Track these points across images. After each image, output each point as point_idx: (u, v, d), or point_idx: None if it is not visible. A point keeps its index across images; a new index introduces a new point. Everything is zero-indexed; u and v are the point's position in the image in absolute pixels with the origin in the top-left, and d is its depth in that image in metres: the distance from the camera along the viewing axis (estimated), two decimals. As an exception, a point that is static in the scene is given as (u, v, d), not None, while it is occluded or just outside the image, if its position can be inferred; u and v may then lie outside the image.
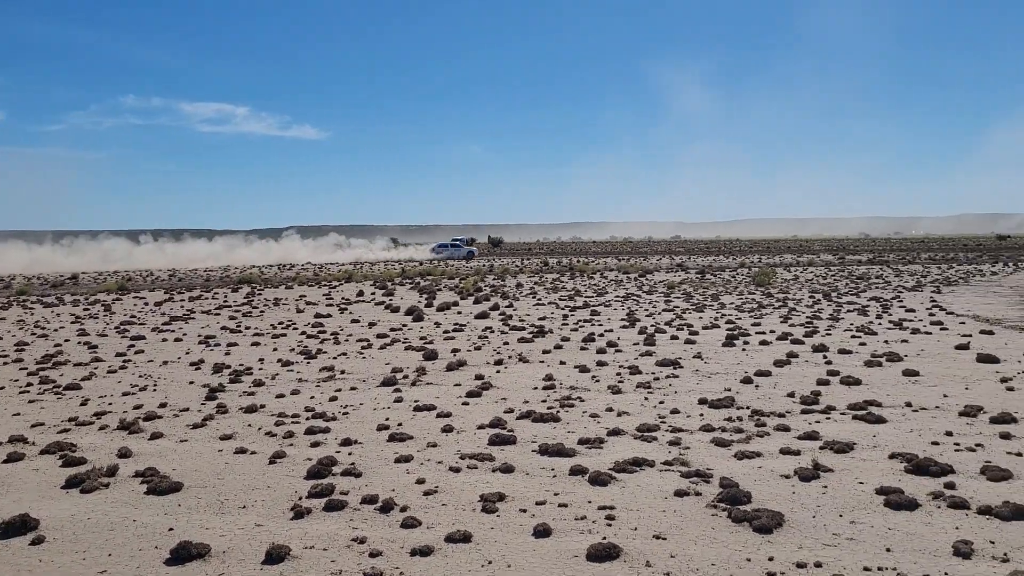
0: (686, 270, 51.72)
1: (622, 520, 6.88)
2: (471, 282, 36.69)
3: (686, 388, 12.42)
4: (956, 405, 10.82)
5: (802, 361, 14.80)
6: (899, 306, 25.29)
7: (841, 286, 34.72)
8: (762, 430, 9.70)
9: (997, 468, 7.86)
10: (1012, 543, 6.19)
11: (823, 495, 7.40)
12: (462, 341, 18.46)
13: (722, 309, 25.03)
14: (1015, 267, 48.84)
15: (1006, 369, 13.51)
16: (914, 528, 6.56)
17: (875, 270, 48.03)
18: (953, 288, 33.02)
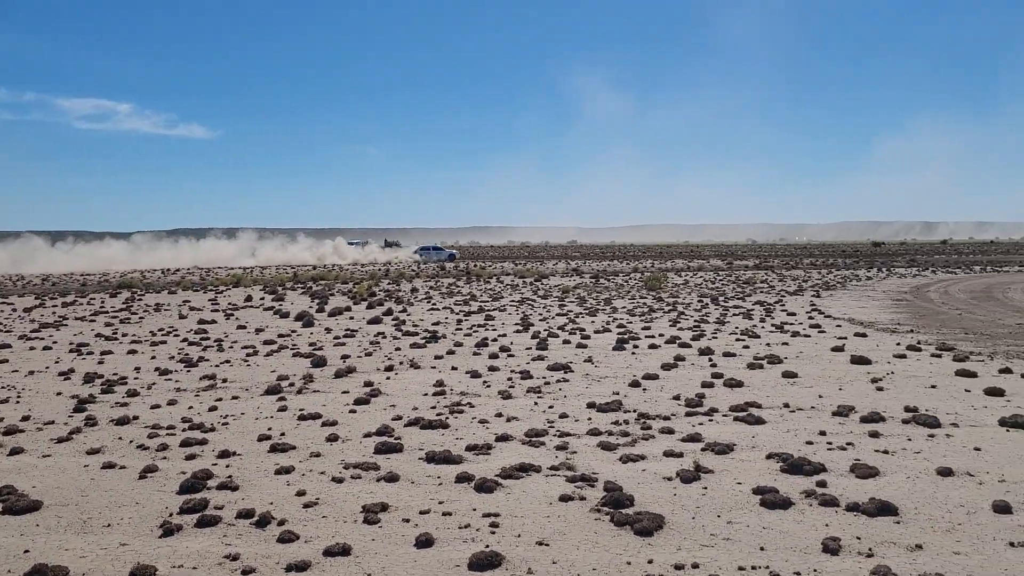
0: (581, 275, 52.45)
1: (506, 527, 6.82)
2: (365, 287, 36.12)
3: (575, 392, 12.51)
4: (830, 405, 11.26)
5: (689, 364, 15.16)
6: (781, 310, 26.28)
7: (728, 290, 35.87)
8: (647, 433, 9.84)
9: (865, 466, 8.19)
10: (877, 538, 6.44)
11: (703, 496, 7.54)
12: (353, 347, 18.11)
13: (614, 313, 25.44)
14: (888, 272, 51.60)
15: (876, 370, 14.18)
16: (787, 526, 6.75)
17: (760, 275, 49.89)
18: (831, 292, 34.58)
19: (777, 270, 56.89)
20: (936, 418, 10.19)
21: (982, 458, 8.62)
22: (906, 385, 12.76)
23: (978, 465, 8.36)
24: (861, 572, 5.81)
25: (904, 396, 11.85)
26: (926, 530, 6.61)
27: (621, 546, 6.40)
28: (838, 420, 10.46)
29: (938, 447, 9.09)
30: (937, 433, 9.68)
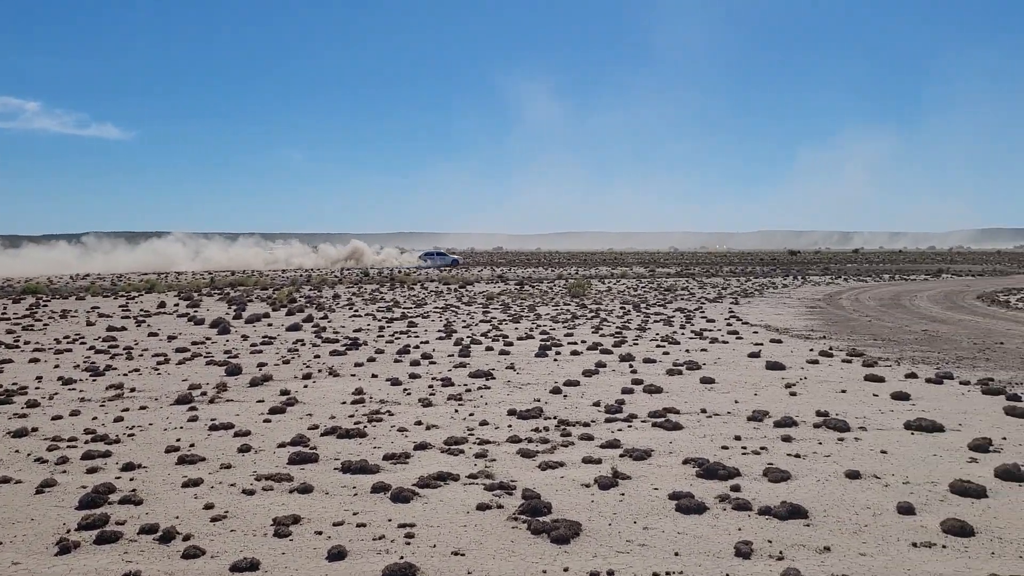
0: (506, 281, 52.52)
1: (422, 537, 6.70)
2: (285, 293, 35.40)
3: (497, 399, 12.44)
4: (746, 410, 11.47)
5: (610, 370, 15.27)
6: (701, 317, 26.78)
7: (650, 297, 36.39)
8: (567, 440, 9.84)
9: (778, 470, 8.35)
10: (787, 541, 6.55)
11: (620, 502, 7.56)
12: (270, 355, 17.67)
13: (538, 320, 25.52)
14: (803, 280, 53.20)
15: (790, 375, 14.53)
16: (701, 531, 6.81)
17: (682, 282, 50.80)
18: (749, 300, 35.42)
19: (698, 278, 58.03)
20: (846, 422, 10.47)
21: (888, 460, 8.88)
22: (818, 390, 13.10)
23: (884, 467, 8.60)
24: (771, 575, 5.89)
25: (816, 401, 12.15)
26: (834, 532, 6.75)
27: (537, 554, 6.35)
28: (753, 425, 10.65)
29: (847, 450, 9.33)
30: (846, 437, 9.95)
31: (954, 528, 6.67)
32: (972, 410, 11.42)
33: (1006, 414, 11.06)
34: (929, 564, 6.08)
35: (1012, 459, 8.74)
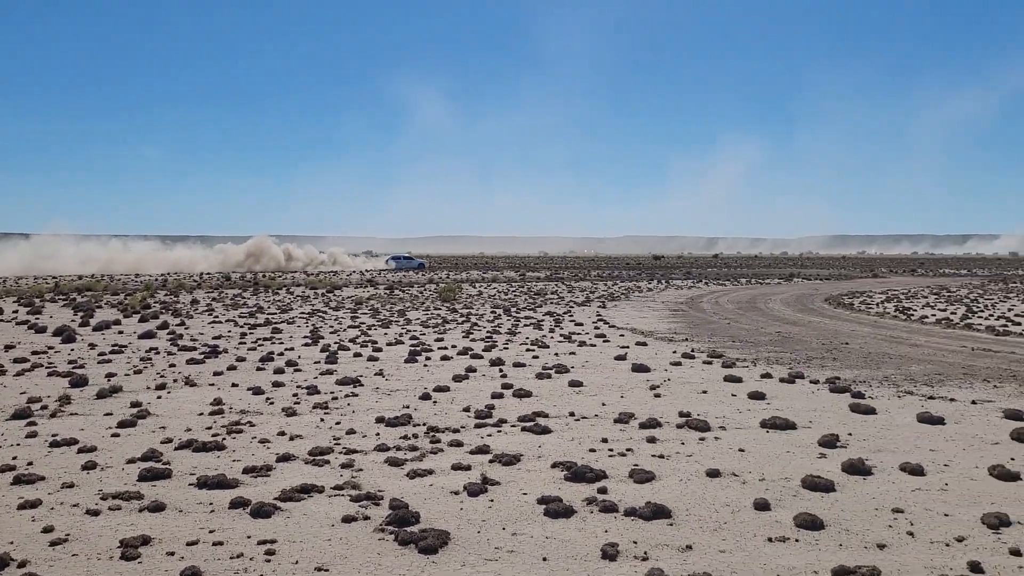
0: (375, 285, 51.81)
1: (283, 554, 6.42)
2: (138, 298, 33.56)
3: (365, 407, 12.17)
4: (612, 412, 11.67)
5: (480, 375, 15.23)
6: (570, 320, 27.22)
7: (521, 301, 36.73)
8: (436, 447, 9.71)
9: (643, 471, 8.52)
10: (652, 541, 6.67)
11: (489, 509, 7.50)
12: (120, 364, 16.64)
13: (408, 325, 25.24)
14: (667, 284, 55.09)
15: (655, 377, 14.93)
16: (569, 535, 6.84)
17: (551, 287, 51.59)
18: (616, 303, 36.32)
19: (567, 282, 59.09)
20: (707, 422, 10.83)
21: (746, 458, 9.23)
22: (681, 391, 13.51)
23: (742, 465, 8.93)
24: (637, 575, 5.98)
25: (679, 402, 12.52)
26: (696, 530, 6.93)
27: (404, 566, 6.20)
28: (619, 427, 10.84)
29: (708, 449, 9.63)
30: (707, 436, 10.28)
31: (806, 522, 6.97)
32: (821, 408, 12.05)
33: (851, 411, 11.74)
34: (783, 558, 6.32)
35: (857, 454, 9.25)
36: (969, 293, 44.21)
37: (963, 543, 6.59)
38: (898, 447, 9.69)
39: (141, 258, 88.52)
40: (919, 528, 6.95)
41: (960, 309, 32.25)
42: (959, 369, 15.87)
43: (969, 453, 9.40)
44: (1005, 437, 10.09)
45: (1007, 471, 8.41)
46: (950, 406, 12.13)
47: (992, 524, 6.95)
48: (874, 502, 7.64)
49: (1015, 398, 12.78)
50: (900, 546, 6.55)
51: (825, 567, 6.09)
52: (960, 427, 10.73)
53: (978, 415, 11.50)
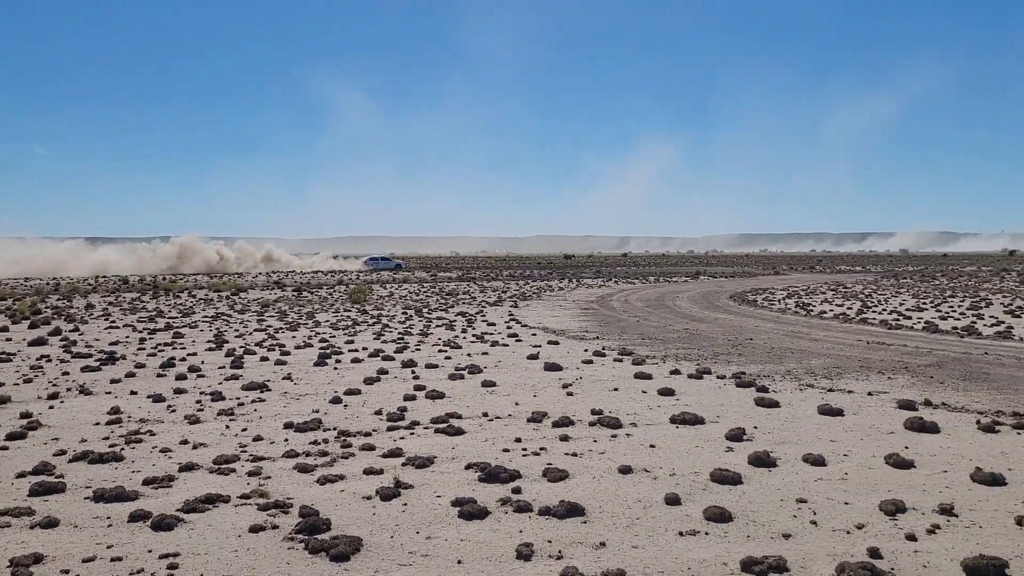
0: (283, 288, 50.69)
1: (187, 567, 6.16)
2: (27, 303, 31.89)
3: (272, 412, 11.84)
4: (526, 412, 11.68)
5: (392, 377, 15.04)
6: (482, 320, 27.21)
7: (432, 302, 36.53)
8: (347, 451, 9.53)
9: (556, 469, 8.54)
10: (566, 540, 6.68)
11: (403, 513, 7.38)
12: (8, 373, 15.74)
13: (317, 327, 24.76)
14: (578, 283, 55.72)
15: (567, 376, 15.04)
16: (484, 536, 6.79)
17: (463, 287, 51.50)
18: (528, 302, 36.51)
19: (479, 282, 59.09)
20: (618, 419, 10.95)
21: (656, 454, 9.37)
22: (593, 389, 13.65)
23: (653, 461, 9.06)
24: (551, 575, 5.97)
25: (591, 400, 12.64)
26: (609, 527, 6.98)
27: (315, 574, 6.03)
28: (533, 426, 10.86)
29: (620, 446, 9.74)
30: (619, 433, 10.40)
31: (715, 515, 7.11)
32: (728, 402, 12.36)
33: (756, 404, 12.07)
34: (694, 551, 6.42)
35: (762, 447, 9.51)
36: (864, 289, 46.22)
37: (863, 530, 6.84)
38: (801, 439, 10.01)
39: (61, 261, 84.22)
40: (822, 517, 7.17)
41: (856, 304, 33.67)
42: (856, 362, 16.54)
43: (867, 443, 9.78)
44: (899, 427, 10.54)
45: (902, 459, 8.78)
46: (848, 398, 12.61)
47: (889, 511, 7.24)
48: (779, 493, 7.86)
49: (907, 389, 13.38)
50: (804, 535, 6.75)
51: (734, 559, 6.22)
52: (858, 418, 11.17)
53: (874, 406, 11.99)
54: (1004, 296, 37.94)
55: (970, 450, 9.38)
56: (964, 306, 32.10)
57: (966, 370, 15.31)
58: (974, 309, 30.52)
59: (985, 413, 11.36)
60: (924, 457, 9.06)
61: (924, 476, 8.38)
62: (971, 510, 7.31)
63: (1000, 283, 50.70)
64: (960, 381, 14.10)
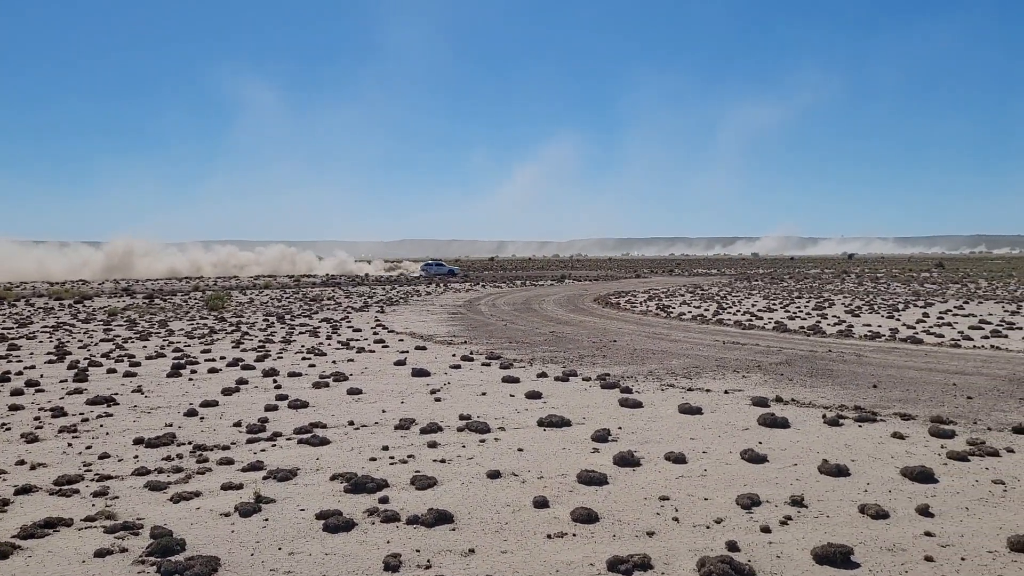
0: (132, 295, 48.03)
1: (22, 601, 5.66)
2: None
3: (121, 428, 11.13)
4: (393, 419, 11.49)
5: (252, 387, 14.48)
6: (348, 326, 26.67)
7: (296, 308, 35.53)
8: (204, 466, 9.06)
9: (425, 477, 8.42)
10: (434, 548, 6.58)
11: (264, 529, 7.07)
12: None
13: (170, 336, 23.57)
14: (446, 287, 55.64)
15: (435, 381, 14.92)
16: (350, 549, 6.59)
17: (328, 292, 50.37)
18: (395, 308, 36.10)
19: (344, 287, 57.99)
20: (486, 424, 10.94)
21: (524, 458, 9.40)
22: (461, 394, 13.59)
23: (521, 465, 9.09)
24: (421, 586, 5.86)
25: (459, 405, 12.57)
26: (478, 533, 6.93)
27: (168, 601, 5.68)
28: (400, 433, 10.69)
29: (488, 451, 9.72)
30: (487, 438, 10.38)
31: (582, 516, 7.19)
32: (594, 404, 12.58)
33: (621, 405, 12.35)
34: (562, 553, 6.46)
35: (627, 447, 9.72)
36: (719, 291, 48.38)
37: (721, 524, 7.08)
38: (663, 438, 10.30)
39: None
40: (683, 513, 7.38)
41: (712, 306, 35.17)
42: (713, 361, 17.24)
43: (724, 439, 10.18)
44: (753, 423, 11.03)
45: (756, 454, 9.18)
46: (706, 396, 13.11)
47: (745, 504, 7.53)
48: (643, 492, 8.04)
49: (760, 386, 14.05)
50: (667, 531, 6.92)
51: (600, 558, 6.29)
52: (715, 416, 11.61)
53: (730, 403, 12.51)
54: (845, 297, 40.61)
55: (817, 443, 9.92)
56: (810, 307, 34.13)
57: (812, 367, 16.24)
58: (819, 309, 32.50)
59: (830, 408, 12.06)
60: (776, 451, 9.51)
61: (777, 469, 8.78)
62: (819, 500, 7.71)
63: (841, 284, 54.25)
64: (807, 378, 14.93)
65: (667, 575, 6.03)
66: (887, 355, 18.08)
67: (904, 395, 13.05)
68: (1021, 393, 13.10)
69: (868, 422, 11.07)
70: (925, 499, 7.67)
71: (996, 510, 7.40)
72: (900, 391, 13.40)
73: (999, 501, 7.65)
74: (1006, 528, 6.90)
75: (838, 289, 48.64)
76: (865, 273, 75.53)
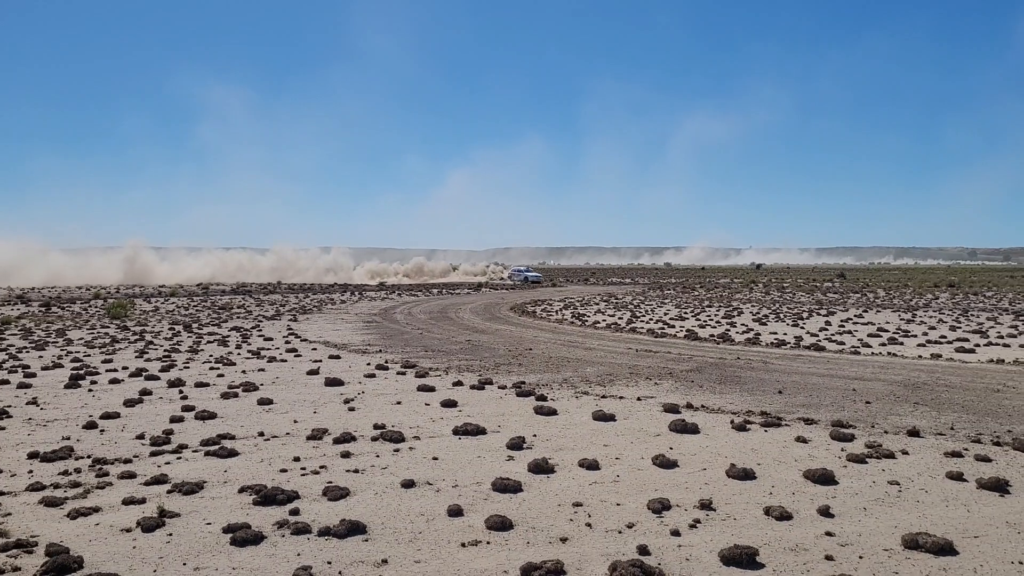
0: (28, 303, 45.82)
1: (-100, 627, 5.31)
2: None
3: (14, 441, 10.59)
4: (305, 430, 11.26)
5: (157, 398, 13.98)
6: (259, 335, 26.05)
7: (203, 317, 34.52)
8: (104, 480, 8.70)
9: (337, 487, 8.28)
10: (346, 559, 6.47)
11: (168, 544, 6.83)
12: None
13: (69, 346, 22.57)
14: (360, 296, 54.91)
15: (349, 391, 14.70)
16: (259, 562, 6.43)
17: (238, 300, 49.14)
18: (308, 316, 35.44)
19: (255, 295, 56.67)
20: (401, 433, 10.84)
21: (439, 466, 9.35)
22: (375, 403, 13.43)
23: (436, 474, 9.03)
24: (332, 599, 5.75)
25: (373, 414, 12.43)
26: (391, 543, 6.85)
27: (63, 622, 5.42)
28: (312, 444, 10.49)
29: (403, 460, 9.63)
30: (402, 447, 10.28)
31: (496, 524, 7.20)
32: (509, 412, 12.62)
33: (536, 413, 12.42)
34: (476, 561, 6.45)
35: (541, 454, 9.78)
36: (633, 300, 49.23)
37: (633, 529, 7.19)
38: (577, 444, 10.40)
39: None
40: (596, 519, 7.47)
41: (626, 315, 35.76)
42: (626, 369, 17.52)
43: (636, 446, 10.34)
44: (664, 429, 11.25)
45: (667, 460, 9.36)
46: (619, 403, 13.30)
47: (656, 509, 7.67)
48: (557, 498, 8.09)
49: (671, 393, 14.34)
50: (580, 538, 6.99)
51: (514, 565, 6.30)
52: (628, 422, 11.79)
53: (643, 410, 12.73)
54: (753, 305, 41.89)
55: (726, 448, 10.18)
56: (719, 315, 35.06)
57: (721, 374, 16.67)
58: (728, 318, 33.41)
59: (738, 413, 12.40)
60: (686, 456, 9.72)
61: (686, 474, 8.97)
62: (727, 504, 7.91)
63: (749, 294, 55.94)
64: (717, 384, 15.32)
65: (580, 580, 6.08)
66: (792, 362, 18.72)
67: (807, 400, 13.52)
68: (915, 398, 13.74)
69: (774, 427, 11.43)
70: (826, 500, 7.96)
71: (892, 510, 7.74)
72: (804, 396, 13.89)
73: (894, 501, 8.00)
74: (901, 527, 7.22)
75: (746, 298, 50.12)
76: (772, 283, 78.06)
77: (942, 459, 9.59)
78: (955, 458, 9.63)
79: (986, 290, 57.93)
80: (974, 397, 13.80)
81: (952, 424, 11.59)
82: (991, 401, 13.42)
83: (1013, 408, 12.80)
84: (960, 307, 40.11)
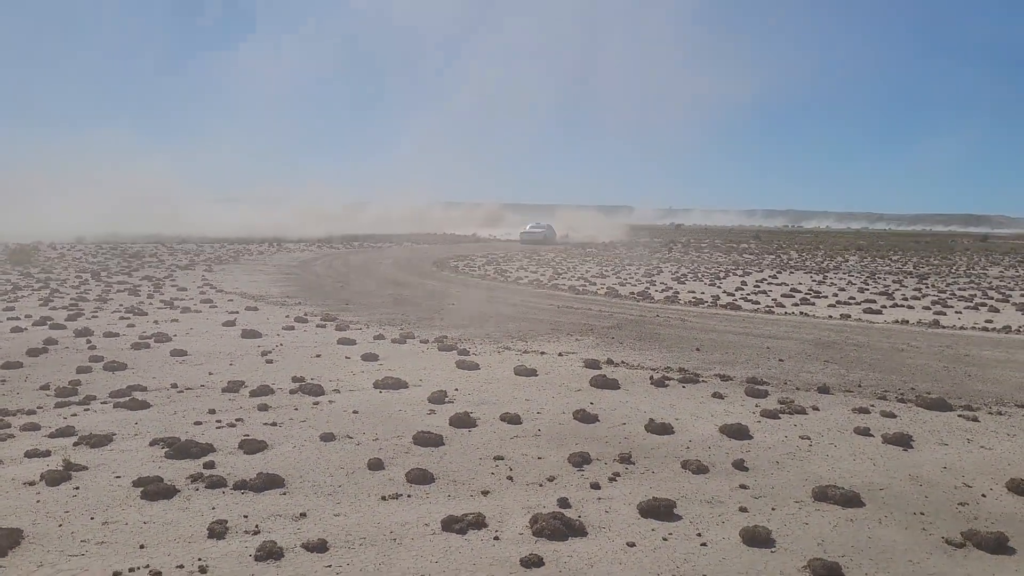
0: (-75, 247, 43.37)
1: None
2: None
3: (-94, 391, 10.03)
4: (221, 382, 10.98)
5: (62, 348, 13.42)
6: (172, 285, 25.27)
7: (113, 265, 33.26)
8: (5, 432, 8.31)
9: (254, 440, 8.10)
10: (264, 513, 6.34)
11: (74, 498, 6.57)
12: None
13: (-32, 292, 21.46)
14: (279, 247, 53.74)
15: (266, 343, 14.38)
16: (172, 516, 6.25)
17: (150, 248, 47.50)
18: (224, 266, 34.52)
19: (168, 243, 54.88)
20: (321, 386, 10.66)
21: (359, 420, 9.24)
22: (294, 356, 13.18)
23: (356, 427, 8.93)
24: (247, 551, 5.64)
25: (292, 367, 12.19)
26: (310, 497, 6.75)
27: (-40, 579, 5.17)
28: (228, 396, 10.24)
29: (322, 414, 9.48)
30: (321, 400, 10.13)
31: (417, 477, 7.16)
32: (431, 366, 12.55)
33: (458, 367, 12.39)
34: (396, 514, 6.40)
35: (463, 408, 9.76)
36: (555, 257, 49.50)
37: (554, 482, 7.25)
38: (499, 399, 10.42)
39: None
40: (517, 472, 7.50)
41: (548, 271, 35.95)
42: (548, 325, 17.63)
43: (557, 400, 10.42)
44: (585, 384, 11.36)
45: (587, 414, 9.47)
46: (541, 359, 13.38)
47: (576, 462, 7.75)
48: (479, 452, 8.10)
49: (592, 349, 14.50)
50: (501, 490, 7.01)
51: (435, 518, 6.29)
52: (549, 377, 11.87)
53: (564, 366, 12.83)
54: (672, 265, 42.63)
55: (644, 403, 10.35)
56: (639, 274, 35.57)
57: (641, 331, 16.94)
58: (648, 276, 33.94)
59: (656, 370, 12.62)
60: (607, 411, 9.84)
61: (607, 428, 9.09)
62: (645, 457, 8.05)
63: (668, 254, 56.90)
64: (636, 341, 15.56)
65: (501, 532, 6.11)
66: (709, 320, 19.15)
67: (724, 358, 13.86)
68: (826, 356, 14.23)
69: (691, 383, 11.67)
70: (741, 454, 8.18)
71: (802, 463, 8.01)
72: (720, 354, 14.23)
73: (805, 455, 8.28)
74: (811, 479, 7.48)
75: (666, 258, 50.97)
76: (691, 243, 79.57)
77: (850, 415, 9.96)
78: (862, 414, 10.01)
79: (892, 254, 60.33)
80: (880, 356, 14.38)
81: (860, 382, 12.05)
82: (896, 360, 14.00)
83: (916, 366, 13.38)
84: (868, 270, 41.69)
